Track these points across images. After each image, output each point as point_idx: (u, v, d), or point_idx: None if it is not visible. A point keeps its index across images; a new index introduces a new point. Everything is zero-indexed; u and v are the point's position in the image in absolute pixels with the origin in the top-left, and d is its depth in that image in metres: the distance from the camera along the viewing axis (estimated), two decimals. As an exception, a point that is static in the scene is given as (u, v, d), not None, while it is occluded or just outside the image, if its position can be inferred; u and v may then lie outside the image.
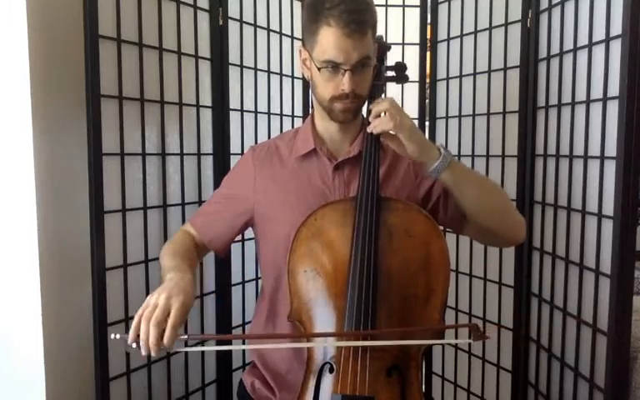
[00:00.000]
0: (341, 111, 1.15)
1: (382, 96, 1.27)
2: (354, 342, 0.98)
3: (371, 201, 1.08)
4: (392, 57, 1.35)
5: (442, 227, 1.23)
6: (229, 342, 1.62)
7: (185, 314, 0.95)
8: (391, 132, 1.08)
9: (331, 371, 0.98)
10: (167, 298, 0.94)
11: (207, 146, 1.64)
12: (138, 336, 0.92)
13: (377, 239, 1.05)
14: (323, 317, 1.04)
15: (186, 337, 0.95)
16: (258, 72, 1.78)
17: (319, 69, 1.12)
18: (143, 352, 0.92)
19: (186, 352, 1.58)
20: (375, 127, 1.09)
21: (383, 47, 1.26)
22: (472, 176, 1.21)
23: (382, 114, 1.08)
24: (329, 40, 1.08)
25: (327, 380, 0.99)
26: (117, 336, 0.94)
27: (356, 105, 1.16)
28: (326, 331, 1.03)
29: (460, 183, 1.13)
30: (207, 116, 1.63)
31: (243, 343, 1.71)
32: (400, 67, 1.28)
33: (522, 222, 1.25)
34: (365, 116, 1.23)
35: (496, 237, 1.26)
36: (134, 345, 0.92)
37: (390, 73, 1.27)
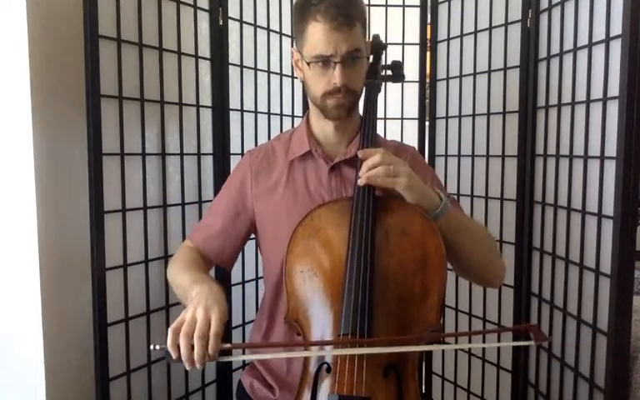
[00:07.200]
0: (334, 107, 1.15)
1: (381, 91, 1.27)
2: (350, 350, 0.97)
3: (367, 200, 1.07)
4: (391, 58, 1.36)
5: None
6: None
7: (224, 323, 0.94)
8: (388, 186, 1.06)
9: (328, 371, 0.98)
10: (205, 309, 0.93)
11: (207, 146, 1.64)
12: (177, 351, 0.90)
13: (374, 239, 1.04)
14: (320, 318, 1.03)
15: (229, 345, 0.94)
16: (258, 72, 1.78)
17: (309, 65, 1.12)
18: (188, 367, 0.91)
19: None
20: (369, 178, 1.04)
21: (380, 46, 1.26)
22: (465, 226, 1.20)
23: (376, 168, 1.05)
24: (318, 35, 1.09)
25: (325, 380, 0.98)
26: (157, 347, 0.91)
27: (349, 100, 1.15)
28: (323, 331, 1.02)
29: (454, 232, 1.12)
30: (207, 116, 1.64)
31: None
32: (397, 66, 1.28)
33: (502, 271, 1.27)
34: (362, 116, 1.22)
35: (470, 276, 1.31)
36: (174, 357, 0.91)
37: (387, 72, 1.27)
